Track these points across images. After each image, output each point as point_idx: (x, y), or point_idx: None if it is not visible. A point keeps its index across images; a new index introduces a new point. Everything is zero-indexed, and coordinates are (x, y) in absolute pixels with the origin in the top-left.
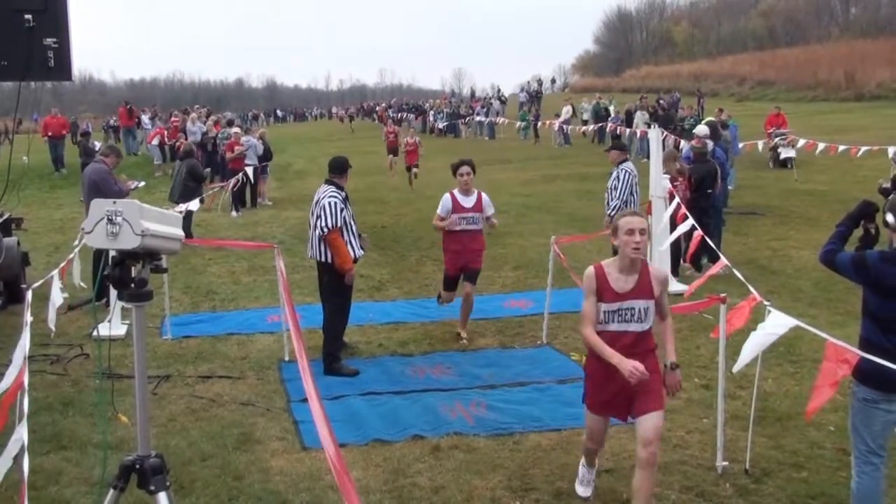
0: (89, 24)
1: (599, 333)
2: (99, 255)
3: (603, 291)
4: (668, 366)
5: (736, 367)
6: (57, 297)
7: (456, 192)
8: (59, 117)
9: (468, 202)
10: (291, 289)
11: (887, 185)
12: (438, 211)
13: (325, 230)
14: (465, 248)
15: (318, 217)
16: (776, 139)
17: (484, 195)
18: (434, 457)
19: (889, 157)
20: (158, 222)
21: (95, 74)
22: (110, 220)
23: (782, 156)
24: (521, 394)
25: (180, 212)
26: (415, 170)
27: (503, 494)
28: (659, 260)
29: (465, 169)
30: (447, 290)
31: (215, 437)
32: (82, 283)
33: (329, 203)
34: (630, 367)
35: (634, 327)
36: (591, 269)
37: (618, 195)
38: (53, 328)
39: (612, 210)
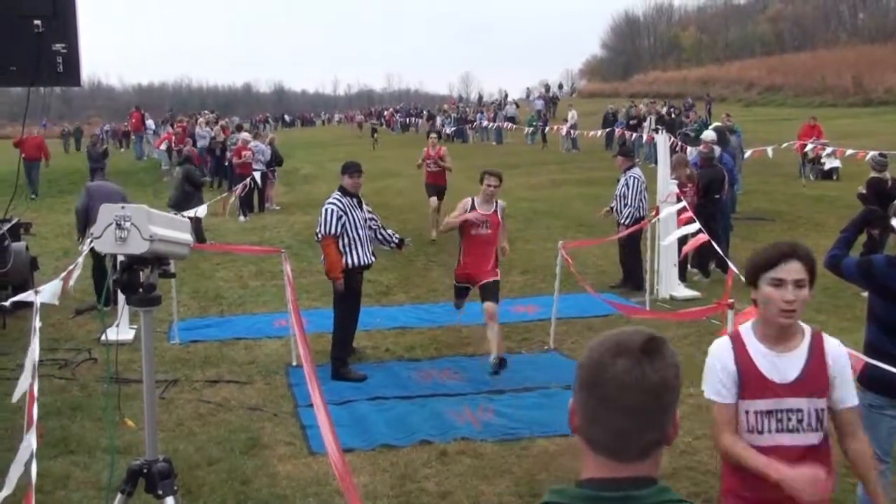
0: (98, 29)
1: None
2: (100, 259)
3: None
4: None
5: None
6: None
7: (756, 339)
8: (35, 137)
9: (785, 370)
10: (299, 293)
11: (864, 190)
12: (714, 407)
13: (318, 237)
14: None
15: (317, 223)
16: (822, 152)
17: (835, 350)
18: (441, 462)
19: (867, 161)
20: (167, 227)
21: (104, 79)
22: (119, 226)
23: (826, 166)
24: (529, 399)
25: (190, 217)
26: (492, 321)
27: (511, 500)
28: (665, 259)
29: (793, 267)
30: None
31: (223, 441)
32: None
33: (325, 210)
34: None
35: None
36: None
37: (629, 202)
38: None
39: (626, 218)
